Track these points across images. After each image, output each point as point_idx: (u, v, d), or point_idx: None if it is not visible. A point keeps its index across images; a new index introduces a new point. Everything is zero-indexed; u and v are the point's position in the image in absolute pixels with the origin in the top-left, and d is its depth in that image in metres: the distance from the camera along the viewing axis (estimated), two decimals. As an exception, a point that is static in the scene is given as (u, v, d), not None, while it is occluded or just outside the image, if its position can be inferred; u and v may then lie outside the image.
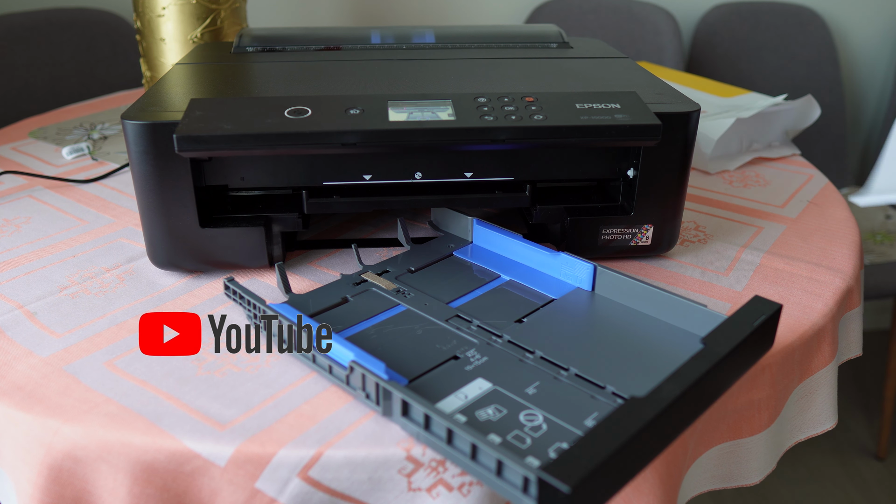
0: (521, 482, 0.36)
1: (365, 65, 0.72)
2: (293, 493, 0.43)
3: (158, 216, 0.58)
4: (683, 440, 0.51)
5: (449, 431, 0.40)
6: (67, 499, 0.45)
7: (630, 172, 0.61)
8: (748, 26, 1.98)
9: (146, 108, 0.57)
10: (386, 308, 0.54)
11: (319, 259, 0.65)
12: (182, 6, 0.95)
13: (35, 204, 0.77)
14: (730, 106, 0.99)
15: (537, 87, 0.64)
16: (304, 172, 0.60)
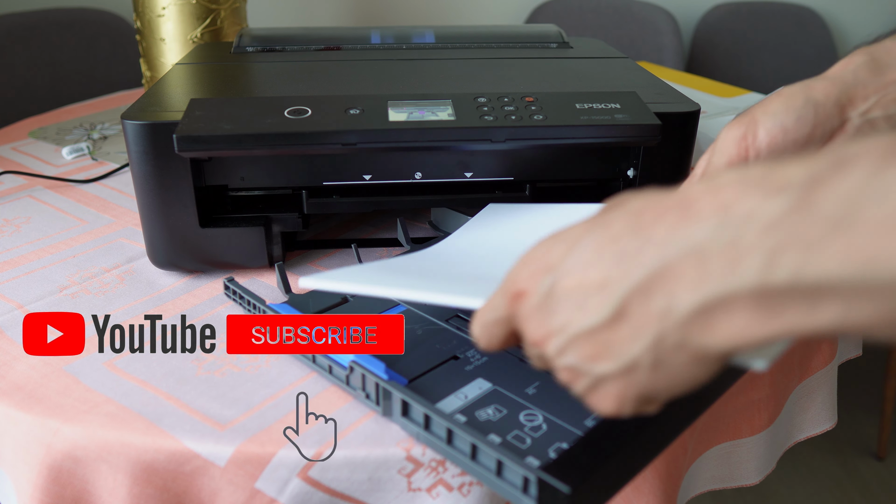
0: (521, 482, 0.36)
1: (365, 65, 0.72)
2: (293, 493, 0.43)
3: (158, 216, 0.58)
4: (683, 440, 0.51)
5: (449, 431, 0.40)
6: (67, 499, 0.45)
7: (630, 172, 0.61)
8: (748, 26, 1.98)
9: (146, 108, 0.57)
10: (385, 308, 0.54)
11: (319, 259, 0.65)
12: (182, 6, 0.95)
13: (35, 204, 0.77)
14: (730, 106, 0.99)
15: (537, 87, 0.64)
16: (304, 172, 0.60)
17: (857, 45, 0.45)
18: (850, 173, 0.23)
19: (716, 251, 0.25)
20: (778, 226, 0.23)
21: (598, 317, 0.28)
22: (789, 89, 0.42)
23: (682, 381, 0.28)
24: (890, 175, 0.22)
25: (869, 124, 0.41)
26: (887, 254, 0.22)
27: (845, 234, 0.22)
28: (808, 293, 0.23)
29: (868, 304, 0.23)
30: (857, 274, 0.22)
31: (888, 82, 0.41)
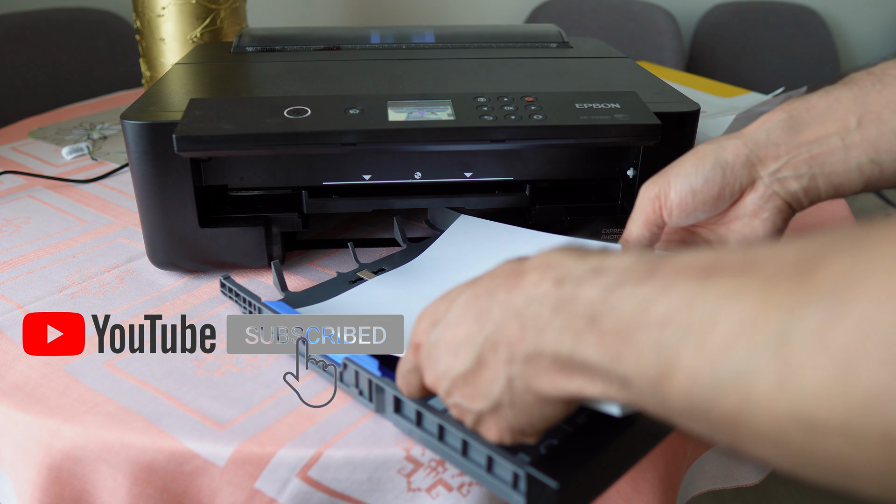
0: (511, 478, 0.36)
1: (365, 65, 0.72)
2: (293, 493, 0.43)
3: (158, 216, 0.58)
4: (683, 440, 0.51)
5: (440, 428, 0.40)
6: (67, 499, 0.45)
7: (630, 172, 0.61)
8: (748, 26, 1.98)
9: (146, 108, 0.57)
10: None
11: (319, 259, 0.65)
12: (182, 6, 0.95)
13: (35, 204, 0.77)
14: (730, 106, 0.99)
15: (537, 87, 0.64)
16: (304, 172, 0.60)
17: (859, 67, 0.46)
18: (598, 283, 0.28)
19: (530, 318, 0.30)
20: (559, 311, 0.29)
21: (466, 364, 0.33)
22: (703, 149, 0.45)
23: (539, 417, 0.33)
24: (621, 293, 0.27)
25: (779, 183, 0.43)
26: (618, 355, 0.26)
27: (594, 332, 0.27)
28: (582, 368, 0.28)
29: (619, 390, 0.27)
30: (604, 364, 0.27)
31: (801, 142, 0.43)
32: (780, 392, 0.21)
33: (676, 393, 0.24)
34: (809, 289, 0.21)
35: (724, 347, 0.22)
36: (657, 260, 0.27)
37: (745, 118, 0.89)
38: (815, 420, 0.20)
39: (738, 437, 0.23)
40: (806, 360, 0.20)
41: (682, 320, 0.24)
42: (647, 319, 0.25)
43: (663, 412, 0.26)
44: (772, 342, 0.21)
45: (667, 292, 0.25)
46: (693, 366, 0.23)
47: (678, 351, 0.24)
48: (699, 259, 0.26)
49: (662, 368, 0.24)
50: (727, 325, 0.22)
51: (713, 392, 0.23)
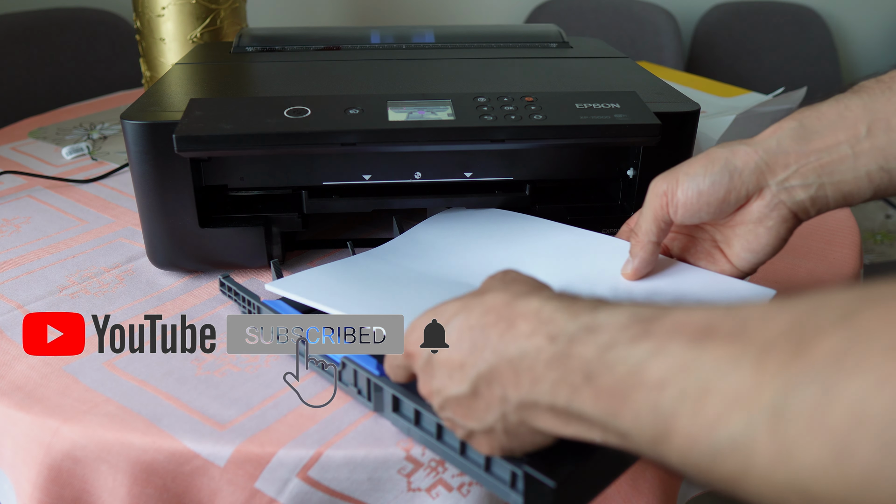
0: (509, 477, 0.36)
1: (365, 65, 0.72)
2: (293, 493, 0.43)
3: (158, 216, 0.58)
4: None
5: (439, 427, 0.40)
6: (67, 499, 0.45)
7: (630, 172, 0.61)
8: (748, 26, 1.98)
9: (146, 108, 0.57)
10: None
11: (319, 259, 0.65)
12: (182, 6, 0.95)
13: (35, 204, 0.77)
14: (730, 106, 0.99)
15: (537, 87, 0.64)
16: (304, 172, 0.60)
17: (869, 75, 0.46)
18: (592, 341, 0.28)
19: (524, 369, 0.30)
20: (553, 366, 0.29)
21: (461, 389, 0.34)
22: (715, 152, 0.45)
23: (531, 444, 0.34)
24: (615, 354, 0.27)
25: (786, 192, 0.44)
26: (615, 412, 0.27)
27: (590, 388, 0.28)
28: (580, 419, 0.29)
29: (617, 440, 0.28)
30: (602, 418, 0.28)
31: (811, 150, 0.43)
32: (778, 464, 0.21)
33: (675, 453, 0.25)
34: (803, 363, 0.21)
35: (721, 416, 0.23)
36: (650, 317, 0.27)
37: (745, 118, 0.89)
38: (813, 493, 0.20)
39: (740, 495, 0.23)
40: (802, 436, 0.20)
41: (678, 385, 0.24)
42: (643, 381, 0.25)
43: (663, 464, 0.26)
44: (767, 415, 0.21)
45: (661, 354, 0.25)
46: (690, 431, 0.24)
47: (675, 415, 0.24)
48: (693, 319, 0.26)
49: (660, 430, 0.25)
50: (723, 394, 0.23)
51: (711, 457, 0.23)
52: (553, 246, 0.57)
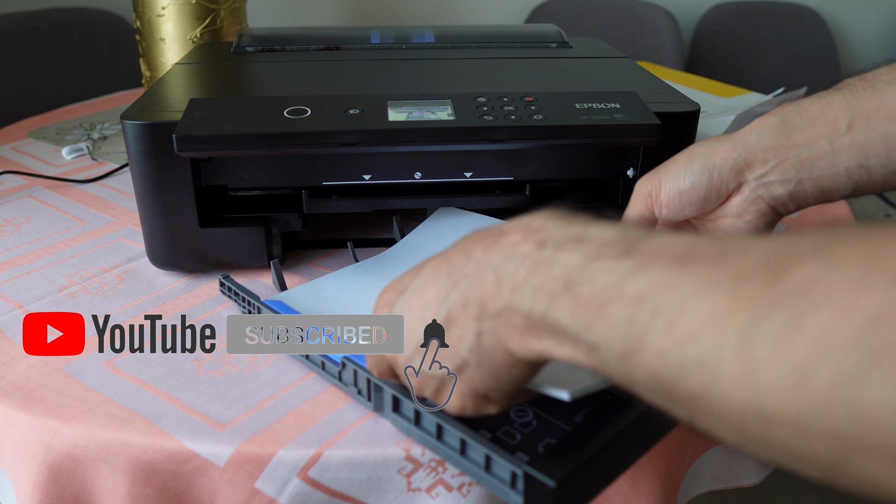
0: (509, 477, 0.36)
1: (364, 65, 0.72)
2: (292, 493, 0.43)
3: (158, 216, 0.58)
4: (683, 440, 0.51)
5: (438, 427, 0.40)
6: (67, 499, 0.45)
7: (630, 172, 0.61)
8: (748, 26, 1.98)
9: (146, 108, 0.57)
10: None
11: (319, 259, 0.65)
12: (182, 6, 0.95)
13: (35, 204, 0.77)
14: (730, 106, 0.99)
15: (537, 87, 0.64)
16: (304, 172, 0.60)
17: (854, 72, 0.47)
18: (578, 251, 0.29)
19: (506, 276, 0.31)
20: (536, 272, 0.29)
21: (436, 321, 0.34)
22: (694, 150, 0.46)
23: (506, 379, 0.33)
24: (598, 264, 0.27)
25: (764, 187, 0.45)
26: (590, 323, 0.27)
27: (569, 297, 0.28)
28: (553, 330, 0.29)
29: (586, 355, 0.28)
30: (575, 329, 0.28)
31: (790, 146, 0.44)
32: (740, 384, 0.22)
33: (642, 368, 0.25)
34: (776, 292, 0.22)
35: (693, 334, 0.24)
36: (637, 237, 0.28)
37: (745, 118, 0.89)
38: (770, 413, 0.22)
39: (698, 416, 0.25)
40: (767, 359, 0.21)
41: (656, 301, 0.25)
42: (622, 294, 0.26)
43: (628, 383, 0.27)
44: (737, 337, 0.22)
45: (643, 271, 0.26)
46: (661, 346, 0.24)
47: (648, 329, 0.25)
48: (677, 243, 0.27)
49: (631, 343, 0.25)
50: (697, 314, 0.24)
51: (678, 373, 0.24)
52: None
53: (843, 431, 0.20)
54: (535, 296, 0.29)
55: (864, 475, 0.20)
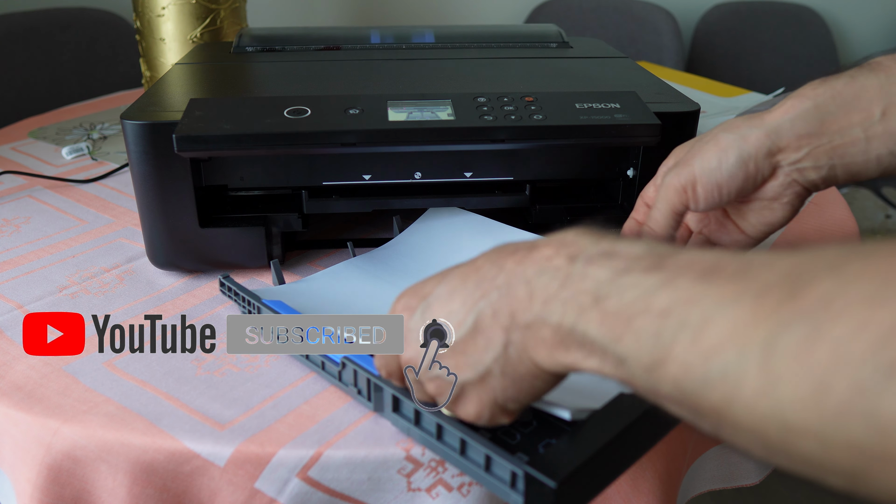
0: (510, 477, 0.36)
1: (364, 65, 0.72)
2: (293, 493, 0.43)
3: (158, 216, 0.58)
4: (683, 440, 0.51)
5: (438, 427, 0.40)
6: (67, 499, 0.45)
7: (630, 172, 0.61)
8: (748, 26, 1.98)
9: (146, 108, 0.57)
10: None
11: (319, 259, 0.65)
12: (182, 6, 0.95)
13: (35, 204, 0.77)
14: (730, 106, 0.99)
15: (537, 87, 0.64)
16: (304, 172, 0.60)
17: (867, 57, 0.46)
18: (606, 265, 0.29)
19: (539, 288, 0.31)
20: (567, 285, 0.30)
21: (461, 332, 0.34)
22: (724, 139, 0.45)
23: (527, 390, 0.34)
24: (627, 279, 0.28)
25: (798, 172, 0.45)
26: (618, 335, 0.28)
27: (597, 310, 0.28)
28: (581, 342, 0.29)
29: (613, 367, 0.29)
30: (603, 341, 0.28)
31: (823, 132, 0.44)
32: (762, 395, 0.23)
33: (668, 380, 0.26)
34: (795, 305, 0.23)
35: (717, 347, 0.24)
36: (665, 253, 0.29)
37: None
38: (791, 424, 0.22)
39: (723, 429, 0.25)
40: (787, 371, 0.22)
41: (681, 315, 0.26)
42: (649, 307, 0.27)
43: (654, 395, 0.28)
44: (759, 350, 0.23)
45: (670, 286, 0.27)
46: (686, 359, 0.25)
47: (674, 342, 0.25)
48: (703, 259, 0.27)
49: (658, 356, 0.26)
50: (721, 327, 0.24)
51: (702, 385, 0.25)
52: None
53: (861, 442, 0.20)
54: (565, 308, 0.30)
55: (885, 485, 0.20)
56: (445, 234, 0.62)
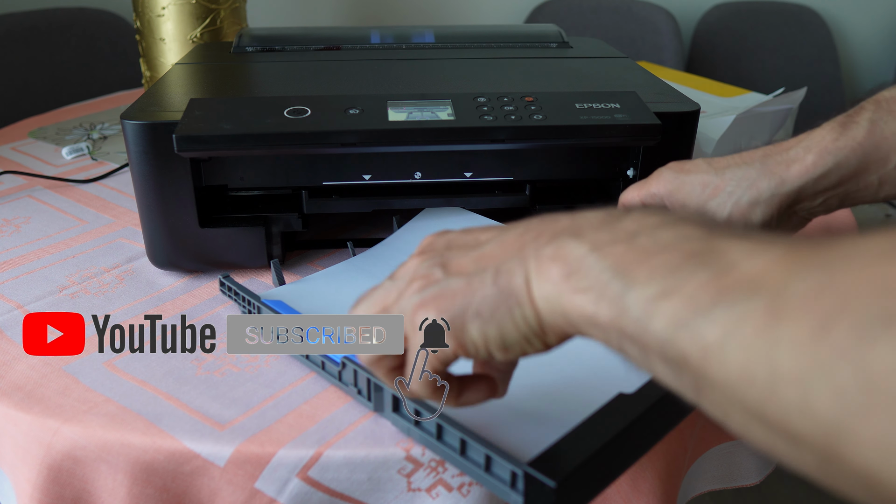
0: (509, 477, 0.36)
1: (365, 65, 0.72)
2: (293, 494, 0.43)
3: (158, 216, 0.58)
4: (683, 440, 0.51)
5: (438, 427, 0.40)
6: (67, 499, 0.45)
7: (630, 172, 0.61)
8: (748, 26, 1.98)
9: (146, 108, 0.57)
10: None
11: (319, 259, 0.65)
12: (182, 6, 0.95)
13: (35, 204, 0.77)
14: (730, 106, 0.99)
15: (537, 87, 0.64)
16: (304, 172, 0.60)
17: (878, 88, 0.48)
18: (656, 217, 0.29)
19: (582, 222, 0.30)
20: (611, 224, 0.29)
21: (488, 237, 0.33)
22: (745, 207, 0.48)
23: (500, 315, 0.31)
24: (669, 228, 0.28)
25: (808, 213, 0.49)
26: (630, 268, 0.27)
27: (626, 245, 0.28)
28: (597, 276, 0.28)
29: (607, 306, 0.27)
30: (611, 272, 0.27)
31: (842, 184, 0.46)
32: (759, 335, 0.22)
33: (664, 315, 0.25)
34: (817, 257, 0.23)
35: (730, 287, 0.24)
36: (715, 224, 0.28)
37: (745, 118, 0.89)
38: (780, 367, 0.22)
39: (702, 381, 0.24)
40: (791, 312, 0.22)
41: (708, 258, 0.25)
42: (679, 248, 0.26)
43: (639, 332, 0.26)
44: (769, 293, 0.23)
45: (708, 241, 0.26)
46: (694, 294, 0.25)
47: (690, 277, 0.25)
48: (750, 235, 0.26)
49: (666, 287, 0.25)
50: (744, 271, 0.24)
51: (701, 322, 0.24)
52: None
53: (846, 391, 0.20)
54: (596, 236, 0.29)
55: (856, 453, 0.20)
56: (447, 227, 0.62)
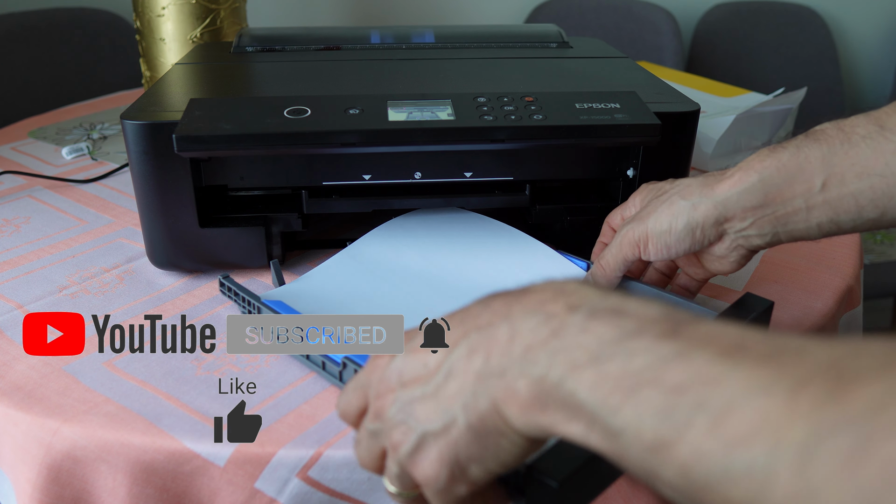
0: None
1: (364, 65, 0.72)
2: (292, 493, 0.43)
3: (158, 216, 0.58)
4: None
5: None
6: (67, 499, 0.45)
7: (630, 172, 0.61)
8: (748, 26, 1.98)
9: (146, 108, 0.57)
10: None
11: (319, 259, 0.65)
12: (182, 6, 0.95)
13: (35, 204, 0.77)
14: (730, 106, 0.99)
15: (537, 87, 0.64)
16: (304, 172, 0.60)
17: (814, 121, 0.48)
18: (613, 323, 0.27)
19: (523, 331, 0.28)
20: (561, 335, 0.27)
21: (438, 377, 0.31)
22: (678, 204, 0.48)
23: (492, 453, 0.30)
24: (637, 343, 0.26)
25: (744, 238, 0.48)
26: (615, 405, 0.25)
27: (595, 370, 0.26)
28: (565, 403, 0.26)
29: (601, 438, 0.26)
30: (594, 407, 0.26)
31: (768, 203, 0.46)
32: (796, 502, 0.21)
33: (673, 464, 0.24)
34: (839, 409, 0.21)
35: (742, 439, 0.22)
36: (682, 320, 0.26)
37: (745, 118, 0.89)
38: None
39: None
40: (829, 482, 0.20)
41: (699, 395, 0.23)
42: (659, 380, 0.24)
43: (648, 476, 0.25)
44: (795, 451, 0.21)
45: (686, 358, 0.24)
46: (702, 446, 0.23)
47: (689, 424, 0.23)
48: (725, 333, 0.25)
49: (665, 436, 0.24)
50: (749, 417, 0.22)
51: (720, 478, 0.22)
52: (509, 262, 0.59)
53: None
54: (552, 360, 0.27)
55: None
56: (438, 218, 0.62)
